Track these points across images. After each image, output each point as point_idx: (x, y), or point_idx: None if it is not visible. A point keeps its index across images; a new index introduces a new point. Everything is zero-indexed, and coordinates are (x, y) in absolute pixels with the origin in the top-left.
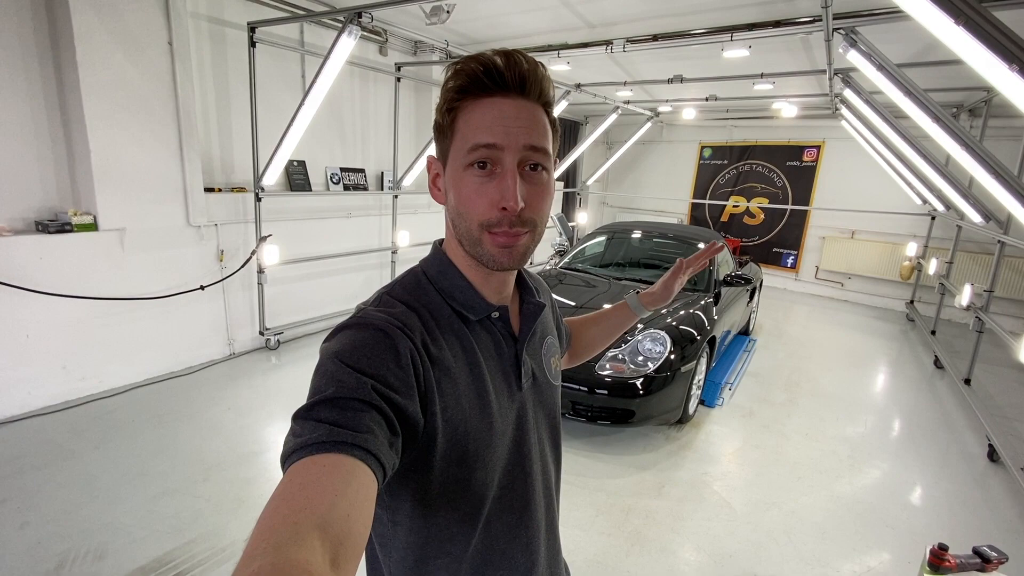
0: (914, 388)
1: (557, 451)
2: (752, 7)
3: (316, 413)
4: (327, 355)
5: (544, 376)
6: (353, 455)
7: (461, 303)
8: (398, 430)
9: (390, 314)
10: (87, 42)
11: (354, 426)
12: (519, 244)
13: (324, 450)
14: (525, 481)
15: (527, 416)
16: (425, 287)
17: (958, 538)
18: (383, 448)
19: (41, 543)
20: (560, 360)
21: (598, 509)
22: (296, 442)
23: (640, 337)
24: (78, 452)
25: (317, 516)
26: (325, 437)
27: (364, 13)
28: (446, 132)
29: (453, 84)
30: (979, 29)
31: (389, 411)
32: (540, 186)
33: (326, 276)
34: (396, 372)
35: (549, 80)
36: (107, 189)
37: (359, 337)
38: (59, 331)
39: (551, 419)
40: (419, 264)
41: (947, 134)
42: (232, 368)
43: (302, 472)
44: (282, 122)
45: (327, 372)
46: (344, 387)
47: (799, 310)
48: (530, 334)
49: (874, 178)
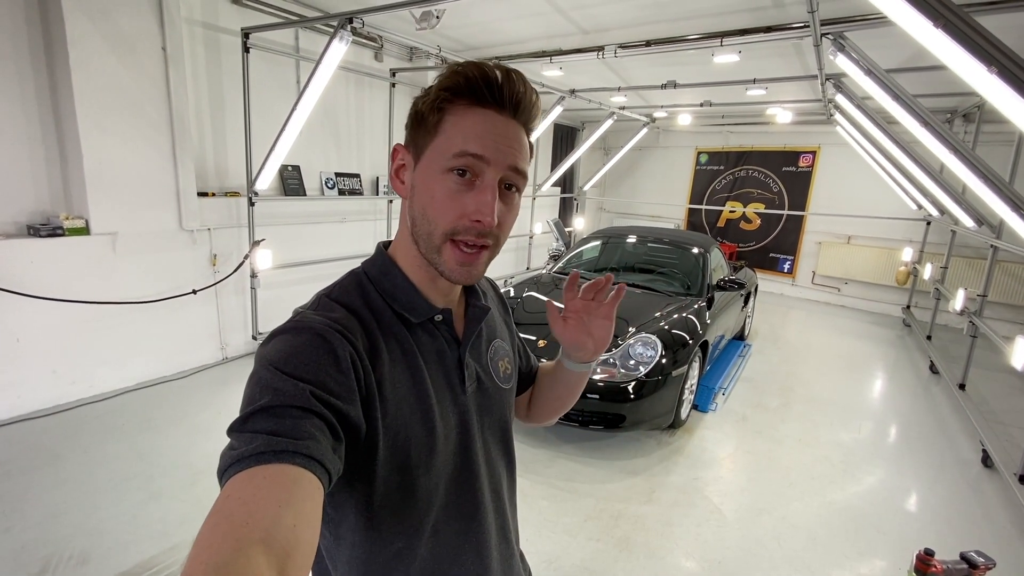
0: (909, 393)
1: (509, 455)
2: (744, 13)
3: (252, 424)
4: (262, 362)
5: (490, 380)
6: (295, 463)
7: (403, 305)
8: (341, 436)
9: (329, 317)
10: (80, 46)
11: (294, 434)
12: (479, 261)
13: (263, 461)
14: (472, 487)
15: (471, 421)
16: (366, 288)
17: (950, 544)
18: (327, 453)
19: (25, 548)
20: (510, 364)
21: (587, 514)
22: (232, 455)
23: (632, 341)
24: (66, 456)
25: (260, 530)
26: (263, 447)
27: (355, 18)
28: (429, 128)
29: (450, 83)
30: (958, 32)
31: (331, 416)
32: (512, 206)
33: (320, 281)
34: (336, 377)
35: (539, 109)
36: (99, 193)
37: (296, 342)
38: (50, 335)
39: (501, 423)
40: (360, 265)
41: (937, 139)
42: (225, 372)
43: (240, 486)
44: (276, 127)
45: (262, 380)
46: (280, 395)
47: (795, 315)
48: (474, 336)
49: (870, 183)
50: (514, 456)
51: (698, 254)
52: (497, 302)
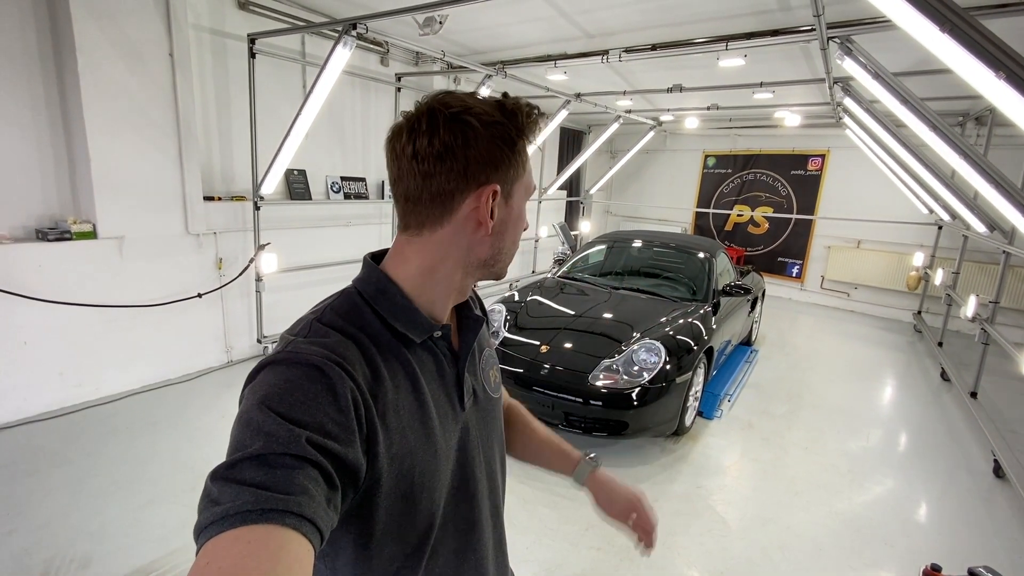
0: (919, 401)
1: (503, 465)
2: (750, 16)
3: (239, 473)
4: (252, 400)
5: (484, 392)
6: (285, 523)
7: (404, 324)
8: (337, 483)
9: (324, 346)
10: (88, 52)
11: (285, 488)
12: None
13: (249, 520)
14: (471, 502)
15: (470, 435)
16: (362, 309)
17: (959, 557)
18: (319, 510)
19: (27, 550)
20: (498, 371)
21: (588, 523)
22: (214, 513)
23: (636, 347)
24: (70, 459)
25: None
26: (251, 505)
27: (359, 24)
28: (517, 166)
29: (528, 131)
30: (964, 36)
31: (327, 464)
32: None
33: (325, 284)
34: (335, 416)
35: None
36: (106, 197)
37: (289, 376)
38: (56, 338)
39: (496, 434)
40: (352, 283)
41: (947, 144)
42: (229, 376)
43: (221, 552)
44: (282, 131)
45: (252, 422)
46: (273, 440)
47: (804, 320)
48: (470, 350)
49: (880, 187)
50: (506, 466)
51: (704, 259)
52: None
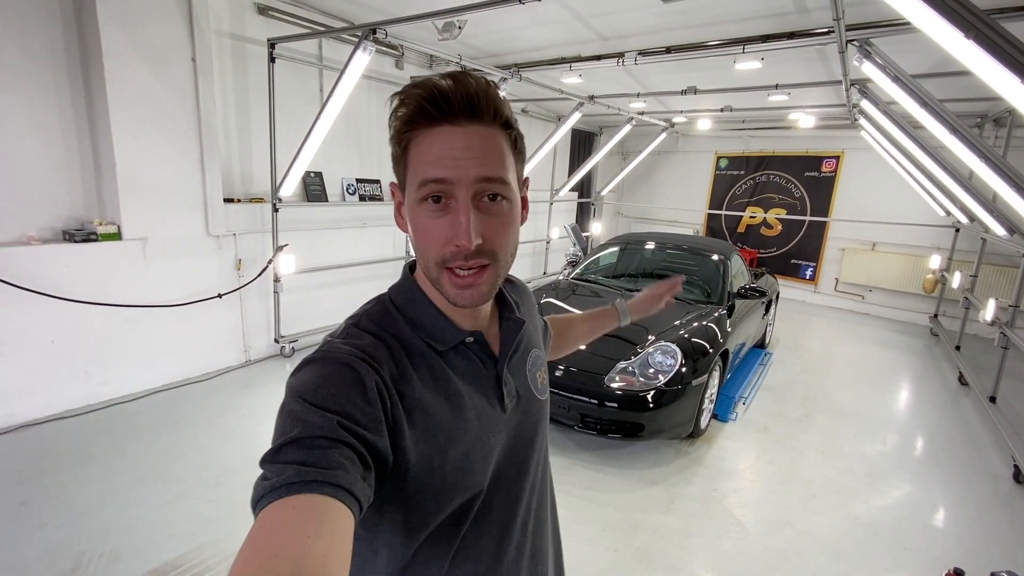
0: (937, 405)
1: (547, 471)
2: (766, 19)
3: (283, 455)
4: (291, 394)
5: (529, 392)
6: (324, 493)
7: (429, 333)
8: (370, 464)
9: (356, 346)
10: (115, 58)
11: (323, 463)
12: (481, 282)
13: (294, 491)
14: (507, 506)
15: (510, 438)
16: (393, 316)
17: (980, 563)
18: (356, 482)
19: (59, 544)
20: (546, 373)
21: (605, 524)
22: (264, 486)
23: (651, 350)
24: (97, 455)
25: (291, 561)
26: (294, 478)
27: (379, 29)
28: (400, 162)
29: (401, 114)
30: (989, 42)
31: (359, 446)
32: (500, 217)
33: (340, 285)
34: (363, 408)
35: (503, 100)
36: (131, 200)
37: (323, 372)
38: (83, 337)
39: (541, 437)
40: (388, 291)
41: (966, 146)
42: (248, 375)
43: (272, 517)
44: (300, 134)
45: (292, 412)
46: (309, 426)
47: (818, 323)
48: (511, 352)
49: (895, 189)
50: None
51: (718, 261)
52: (530, 305)
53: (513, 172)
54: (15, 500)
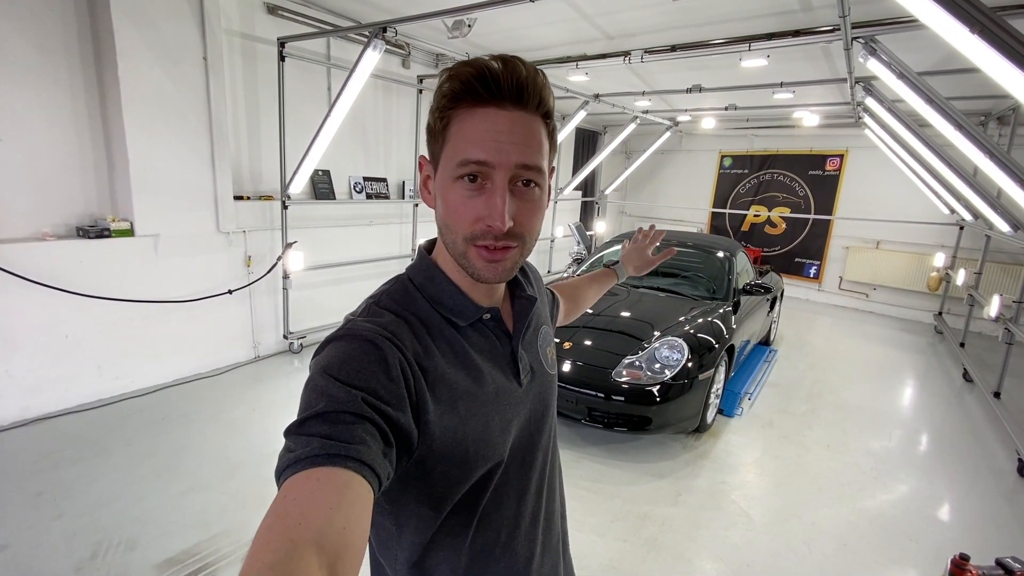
0: (942, 401)
1: (555, 439)
2: (771, 17)
3: (307, 428)
4: (316, 369)
5: (541, 367)
6: (347, 467)
7: (449, 309)
8: (392, 441)
9: (378, 324)
10: (128, 57)
11: (346, 438)
12: (507, 259)
13: (317, 464)
14: (523, 474)
15: (526, 410)
16: (413, 295)
17: (984, 554)
18: (377, 458)
19: (76, 533)
20: (554, 348)
21: (614, 515)
22: (289, 457)
23: (658, 344)
24: (111, 448)
25: (313, 531)
26: (318, 451)
27: (389, 28)
28: (438, 137)
29: (447, 88)
30: (995, 38)
31: (382, 422)
32: (531, 202)
33: (348, 282)
34: (386, 384)
35: (549, 89)
36: (144, 197)
37: (348, 349)
38: (96, 332)
39: (551, 408)
40: (406, 271)
41: (971, 143)
42: (257, 370)
43: (296, 487)
44: (309, 133)
45: (317, 387)
46: (334, 401)
47: (822, 321)
48: (524, 329)
49: (899, 187)
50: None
51: (723, 258)
52: (539, 284)
53: (547, 161)
54: (31, 491)
